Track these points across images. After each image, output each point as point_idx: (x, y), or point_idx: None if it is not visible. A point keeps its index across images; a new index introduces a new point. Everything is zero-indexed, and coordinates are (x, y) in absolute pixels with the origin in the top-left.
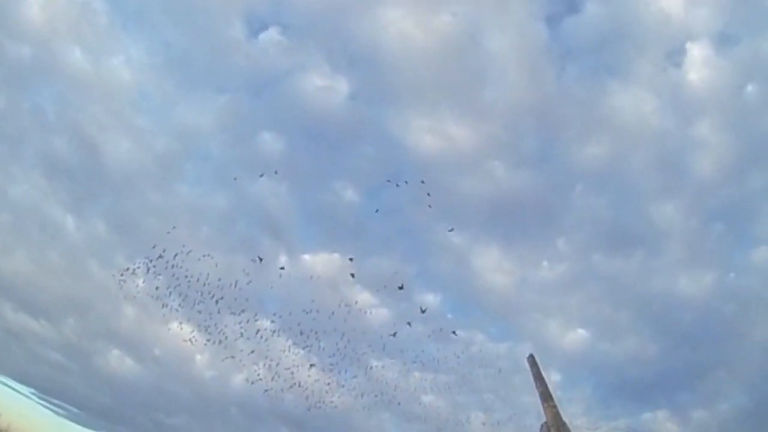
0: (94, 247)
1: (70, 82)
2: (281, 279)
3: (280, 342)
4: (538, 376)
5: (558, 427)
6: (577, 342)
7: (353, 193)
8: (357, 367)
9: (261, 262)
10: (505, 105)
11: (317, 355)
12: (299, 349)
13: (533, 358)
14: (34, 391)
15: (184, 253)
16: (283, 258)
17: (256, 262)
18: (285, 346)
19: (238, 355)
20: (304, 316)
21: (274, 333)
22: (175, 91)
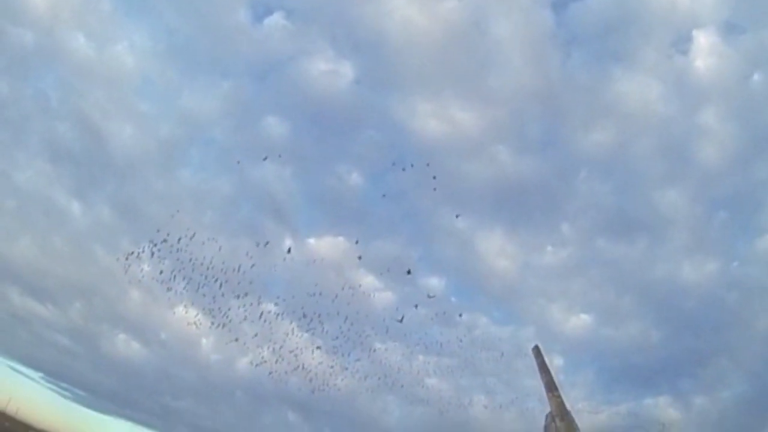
0: (99, 232)
1: (73, 68)
2: (285, 262)
3: (284, 325)
4: (542, 366)
5: (563, 416)
6: (580, 327)
7: (358, 177)
8: (361, 350)
9: (265, 246)
10: (510, 90)
11: (321, 338)
12: (303, 332)
13: (538, 348)
14: (42, 375)
15: (188, 237)
16: (287, 242)
17: (260, 246)
18: (289, 329)
19: (243, 338)
20: (308, 299)
21: (278, 316)
22: (179, 77)
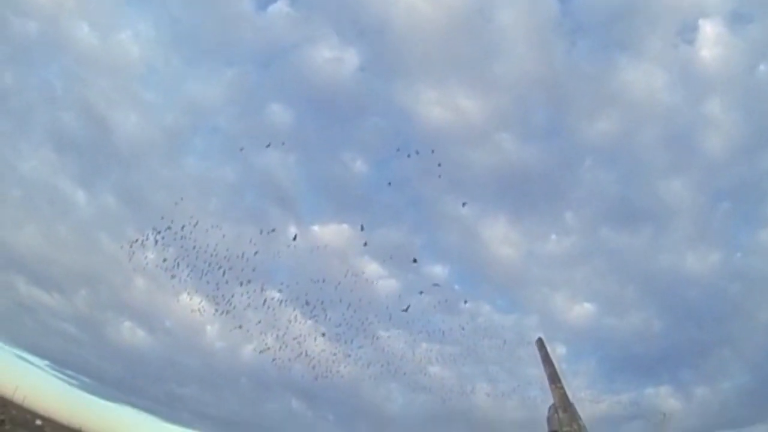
0: (104, 220)
1: (77, 57)
2: (289, 249)
3: (287, 312)
4: (546, 358)
5: (565, 407)
6: (583, 316)
7: (362, 165)
8: (364, 337)
9: (269, 234)
10: (515, 78)
11: (325, 325)
12: (307, 320)
13: (542, 341)
14: (48, 363)
15: (192, 225)
16: (292, 229)
17: (263, 233)
18: (292, 316)
19: (247, 325)
20: (311, 286)
21: (282, 303)
22: (183, 65)
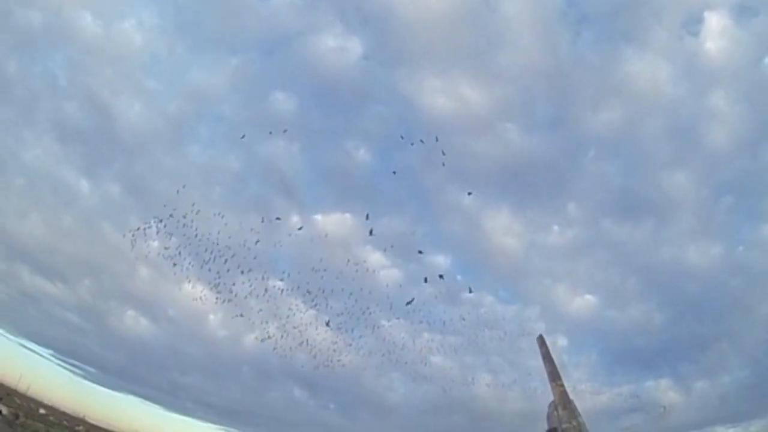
0: (107, 209)
1: (81, 47)
2: (291, 238)
3: (289, 301)
4: (546, 356)
5: (565, 404)
6: (584, 308)
7: (365, 153)
8: (365, 326)
9: (271, 222)
10: (519, 69)
11: (326, 314)
12: (308, 308)
13: (542, 338)
14: (52, 353)
15: (194, 213)
16: (294, 218)
17: (265, 221)
18: (294, 304)
19: (248, 313)
20: (313, 275)
21: (283, 292)
22: (187, 54)
